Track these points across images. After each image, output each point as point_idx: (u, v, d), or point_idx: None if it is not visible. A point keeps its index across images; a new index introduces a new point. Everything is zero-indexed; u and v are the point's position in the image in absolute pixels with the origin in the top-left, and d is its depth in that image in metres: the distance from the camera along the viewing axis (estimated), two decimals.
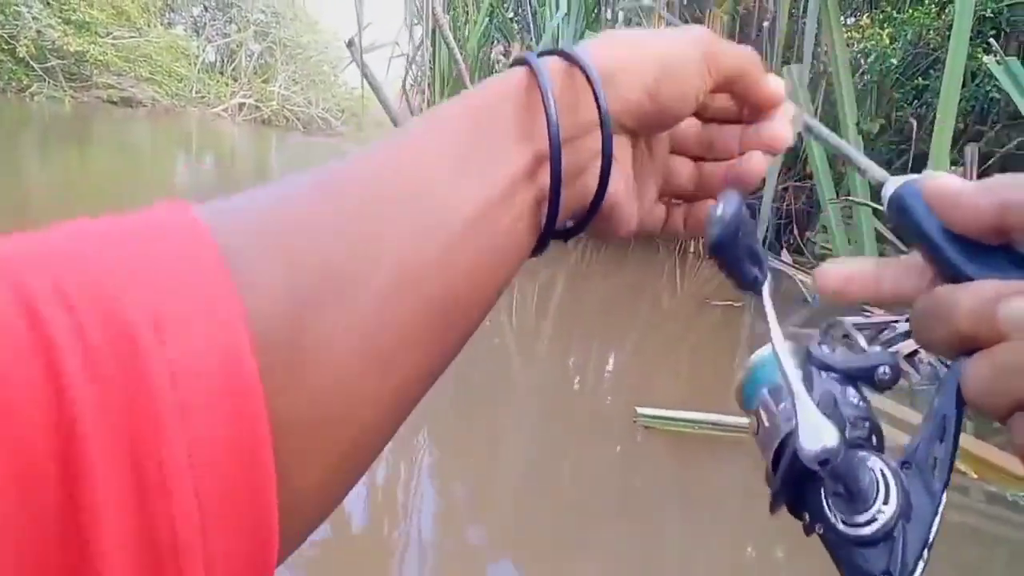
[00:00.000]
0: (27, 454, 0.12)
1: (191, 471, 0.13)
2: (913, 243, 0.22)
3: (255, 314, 0.15)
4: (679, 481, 1.62)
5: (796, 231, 4.57)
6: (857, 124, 3.70)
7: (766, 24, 4.92)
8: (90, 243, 0.15)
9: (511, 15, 5.68)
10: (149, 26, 14.20)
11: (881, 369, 0.22)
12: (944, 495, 0.20)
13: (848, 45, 4.12)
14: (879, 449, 0.21)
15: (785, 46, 4.74)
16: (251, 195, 0.19)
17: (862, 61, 5.05)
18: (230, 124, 14.58)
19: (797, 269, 3.42)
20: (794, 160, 4.73)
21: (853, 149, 2.55)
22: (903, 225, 0.21)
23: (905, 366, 2.30)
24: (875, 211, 3.30)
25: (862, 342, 0.24)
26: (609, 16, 5.31)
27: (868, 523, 0.19)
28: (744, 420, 1.02)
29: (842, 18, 4.22)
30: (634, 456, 1.69)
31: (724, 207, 0.22)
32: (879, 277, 0.23)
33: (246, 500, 0.15)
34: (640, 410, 1.76)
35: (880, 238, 3.33)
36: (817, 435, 0.19)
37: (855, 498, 0.20)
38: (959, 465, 1.66)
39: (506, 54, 5.72)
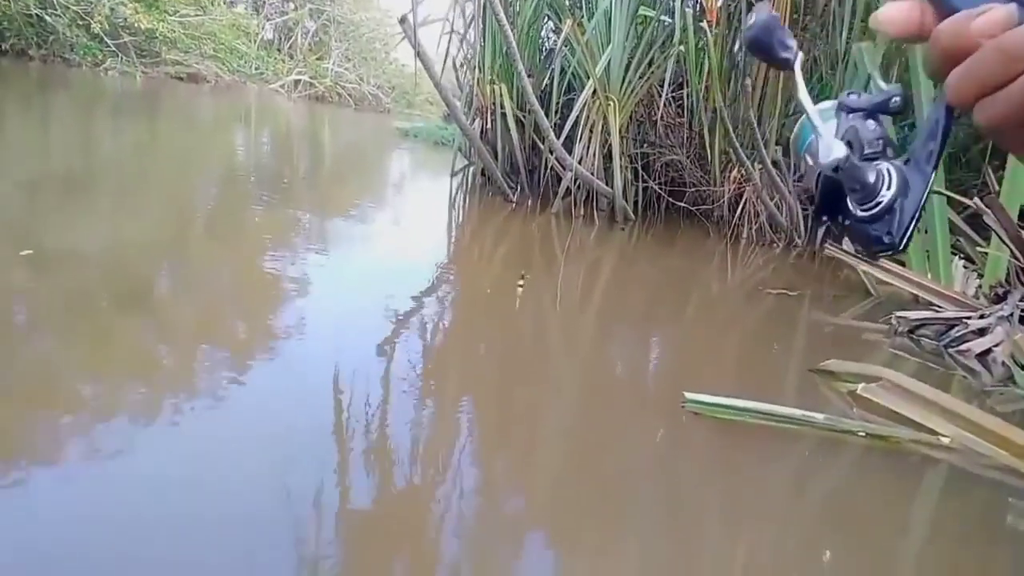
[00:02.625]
0: None
1: None
2: None
3: None
4: (724, 470, 1.58)
5: None
6: None
7: None
8: None
9: None
10: (213, 4, 14.64)
11: (892, 100, 0.30)
12: (933, 174, 0.28)
13: None
14: (887, 154, 0.29)
15: (863, 19, 4.47)
16: None
17: None
18: (286, 100, 14.94)
19: (860, 258, 3.25)
20: None
21: None
22: None
23: (977, 366, 2.16)
24: (949, 200, 3.09)
25: (880, 83, 0.31)
26: None
27: (876, 205, 0.28)
28: (798, 412, 1.00)
29: None
30: (679, 441, 1.66)
31: (756, 15, 0.32)
32: (923, 13, 0.26)
33: None
34: (688, 395, 1.73)
35: (953, 228, 3.13)
36: (829, 152, 0.29)
37: (866, 190, 0.28)
38: (1021, 468, 1.57)
39: (556, 31, 5.60)
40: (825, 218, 0.31)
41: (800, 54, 0.34)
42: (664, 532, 1.30)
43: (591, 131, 4.73)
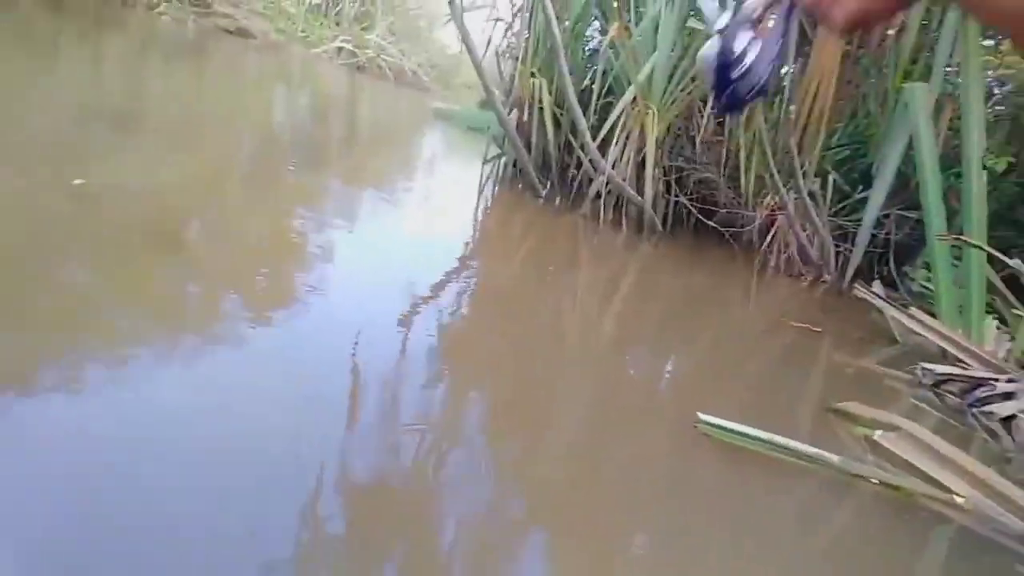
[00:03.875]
0: None
1: None
2: None
3: None
4: (730, 498, 1.55)
5: (892, 263, 4.26)
6: (982, 158, 3.37)
7: (891, 33, 4.54)
8: None
9: None
10: None
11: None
12: (780, 46, 0.41)
13: (983, 69, 3.73)
14: (755, 37, 0.42)
15: (909, 61, 4.37)
16: None
17: (996, 89, 4.61)
18: (328, 66, 14.96)
19: (889, 304, 3.18)
20: (901, 187, 4.39)
21: None
22: None
23: (1000, 430, 2.11)
24: (990, 257, 3.01)
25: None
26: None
27: (743, 68, 0.40)
28: (812, 449, 1.05)
29: (980, 38, 3.83)
30: (686, 462, 1.63)
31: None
32: None
33: None
34: (702, 416, 1.70)
35: (991, 288, 3.05)
36: (717, 22, 0.43)
37: (739, 56, 0.40)
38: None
39: (603, 32, 5.53)
40: (720, 96, 0.41)
41: None
42: (663, 554, 1.27)
43: (627, 138, 4.68)
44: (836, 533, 1.56)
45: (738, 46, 0.41)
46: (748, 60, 0.40)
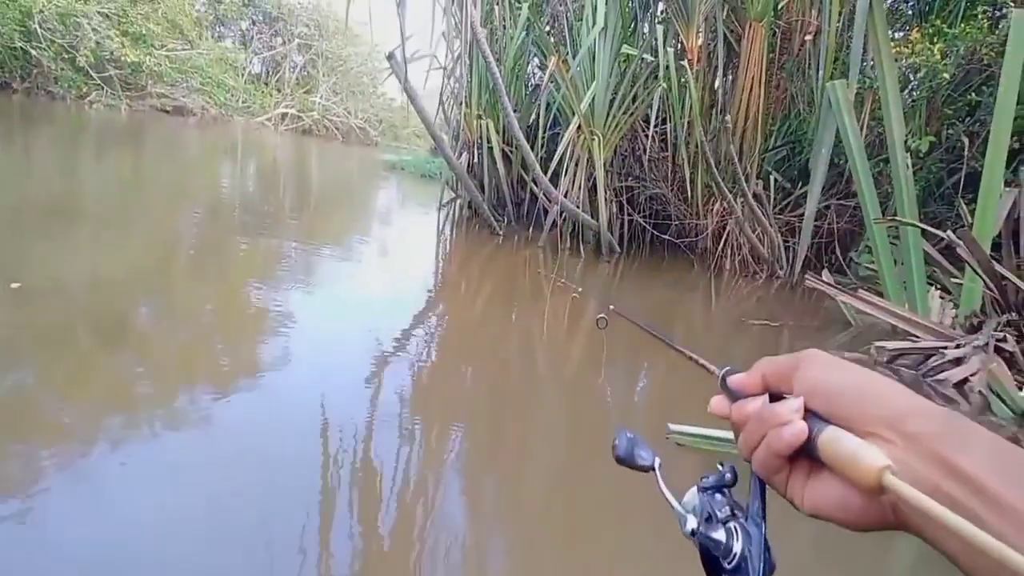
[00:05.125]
0: None
1: None
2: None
3: None
4: None
5: (838, 250, 4.45)
6: (905, 142, 3.59)
7: (808, 38, 4.86)
8: None
9: (547, 29, 5.71)
10: (201, 39, 14.80)
11: (727, 476, 0.40)
12: (764, 526, 0.36)
13: (896, 60, 4.01)
14: (736, 516, 0.38)
15: (830, 60, 4.67)
16: None
17: (911, 77, 4.92)
18: (273, 133, 15.04)
19: (839, 290, 3.31)
20: (837, 177, 4.62)
21: None
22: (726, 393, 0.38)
23: (955, 395, 2.20)
24: (924, 233, 3.18)
25: (719, 467, 0.41)
26: (646, 31, 5.30)
27: (734, 557, 0.36)
28: None
29: (890, 32, 4.12)
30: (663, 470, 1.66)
31: (618, 441, 0.44)
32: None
33: None
34: (672, 426, 1.73)
35: (928, 259, 3.21)
36: (686, 524, 0.39)
37: (724, 547, 0.37)
38: None
39: (542, 68, 5.75)
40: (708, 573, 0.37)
41: (658, 459, 0.44)
42: (647, 560, 1.29)
43: (576, 165, 4.82)
44: (814, 521, 1.60)
45: (719, 536, 0.37)
46: (736, 548, 0.36)
